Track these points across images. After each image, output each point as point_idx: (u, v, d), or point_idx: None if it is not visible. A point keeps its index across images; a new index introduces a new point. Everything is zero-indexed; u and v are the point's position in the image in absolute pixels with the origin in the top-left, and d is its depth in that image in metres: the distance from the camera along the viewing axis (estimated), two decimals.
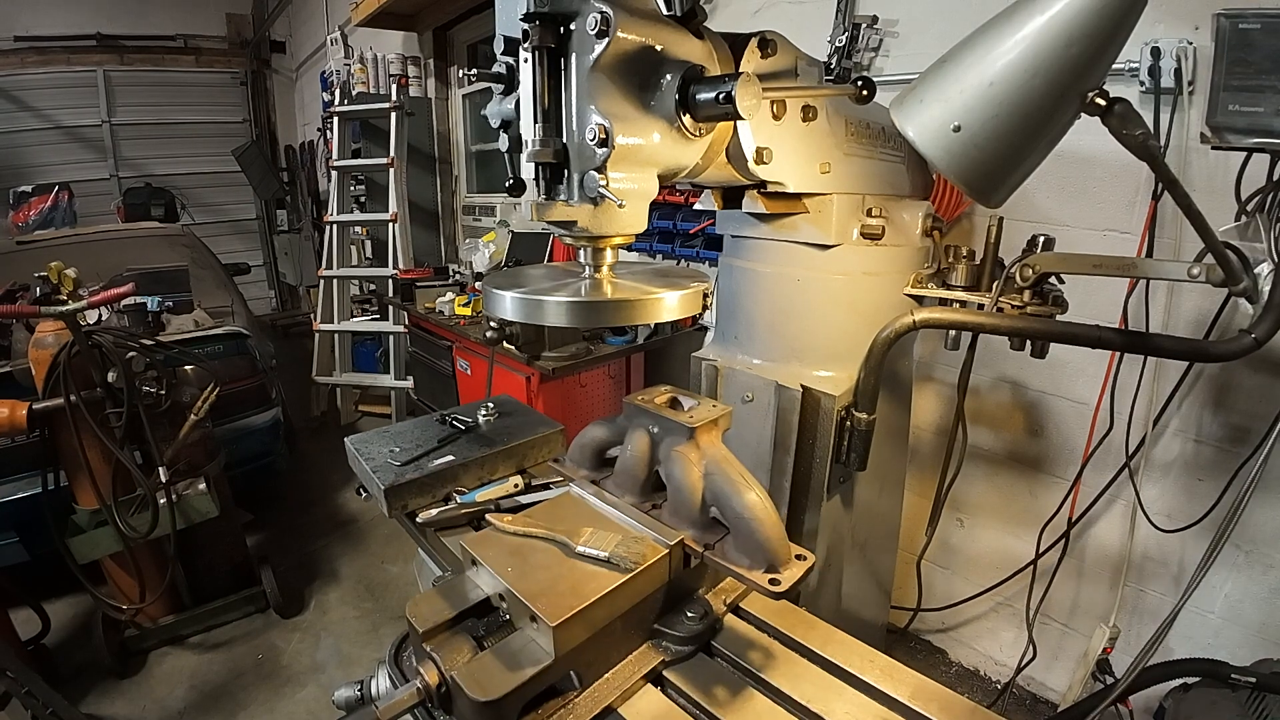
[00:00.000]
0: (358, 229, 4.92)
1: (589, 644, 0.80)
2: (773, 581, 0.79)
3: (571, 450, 1.06)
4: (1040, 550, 2.04)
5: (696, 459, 0.88)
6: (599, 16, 0.72)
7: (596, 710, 0.79)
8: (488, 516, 0.94)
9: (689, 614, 0.90)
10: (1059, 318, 1.15)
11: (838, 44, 2.18)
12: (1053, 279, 1.14)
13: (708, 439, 0.91)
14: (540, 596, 0.77)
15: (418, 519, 1.22)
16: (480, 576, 0.86)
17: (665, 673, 0.87)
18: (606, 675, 0.83)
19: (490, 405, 1.50)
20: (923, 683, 0.84)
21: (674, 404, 0.97)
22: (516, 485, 1.33)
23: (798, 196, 1.16)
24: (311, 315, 5.04)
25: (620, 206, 0.78)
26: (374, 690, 1.03)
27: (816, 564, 1.29)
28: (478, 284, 3.60)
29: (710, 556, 0.85)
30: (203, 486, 2.40)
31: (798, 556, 0.83)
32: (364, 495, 1.30)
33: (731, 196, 1.22)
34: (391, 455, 1.28)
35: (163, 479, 2.25)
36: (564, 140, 0.80)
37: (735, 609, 0.98)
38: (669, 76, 0.81)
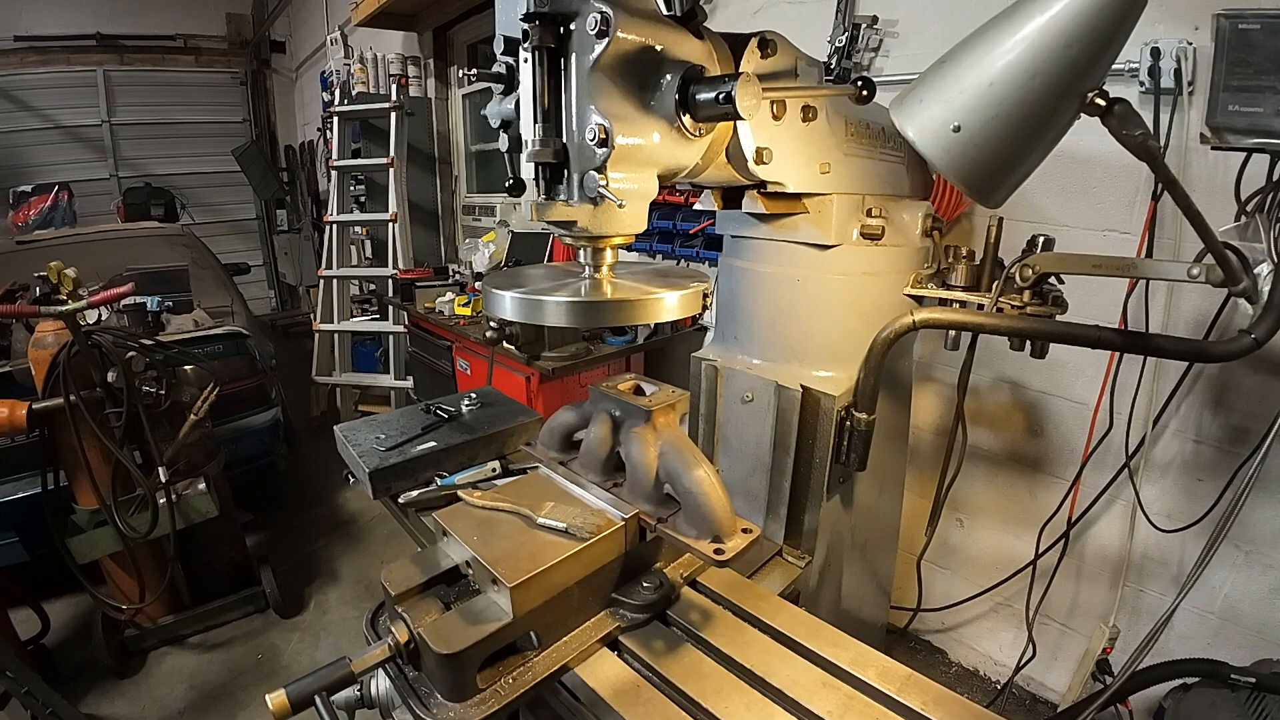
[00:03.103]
0: (358, 229, 4.92)
1: (547, 607, 0.85)
2: (717, 551, 0.85)
3: (542, 434, 1.12)
4: (1040, 550, 2.04)
5: (653, 439, 0.95)
6: (599, 16, 0.72)
7: (553, 668, 0.85)
8: (459, 492, 0.99)
9: (645, 584, 0.96)
10: (1059, 318, 1.15)
11: (838, 44, 2.18)
12: (1052, 279, 1.14)
13: (664, 421, 0.97)
14: (501, 561, 0.83)
15: (399, 500, 1.27)
16: (450, 546, 0.92)
17: (621, 638, 0.92)
18: (565, 638, 0.89)
19: (473, 396, 1.55)
20: (864, 650, 0.89)
21: (637, 391, 1.03)
22: (494, 470, 1.38)
23: (797, 197, 1.16)
24: (311, 315, 5.04)
25: (620, 206, 0.79)
26: (373, 690, 1.04)
27: (816, 564, 1.30)
28: (478, 284, 3.60)
29: (661, 528, 0.91)
30: (202, 486, 2.40)
31: (744, 530, 0.89)
32: (352, 481, 1.36)
33: (731, 196, 1.22)
34: (377, 442, 1.33)
35: (162, 479, 2.25)
36: (564, 140, 0.80)
37: (692, 582, 1.05)
38: (669, 76, 0.81)
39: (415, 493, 1.29)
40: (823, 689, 0.83)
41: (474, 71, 0.92)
